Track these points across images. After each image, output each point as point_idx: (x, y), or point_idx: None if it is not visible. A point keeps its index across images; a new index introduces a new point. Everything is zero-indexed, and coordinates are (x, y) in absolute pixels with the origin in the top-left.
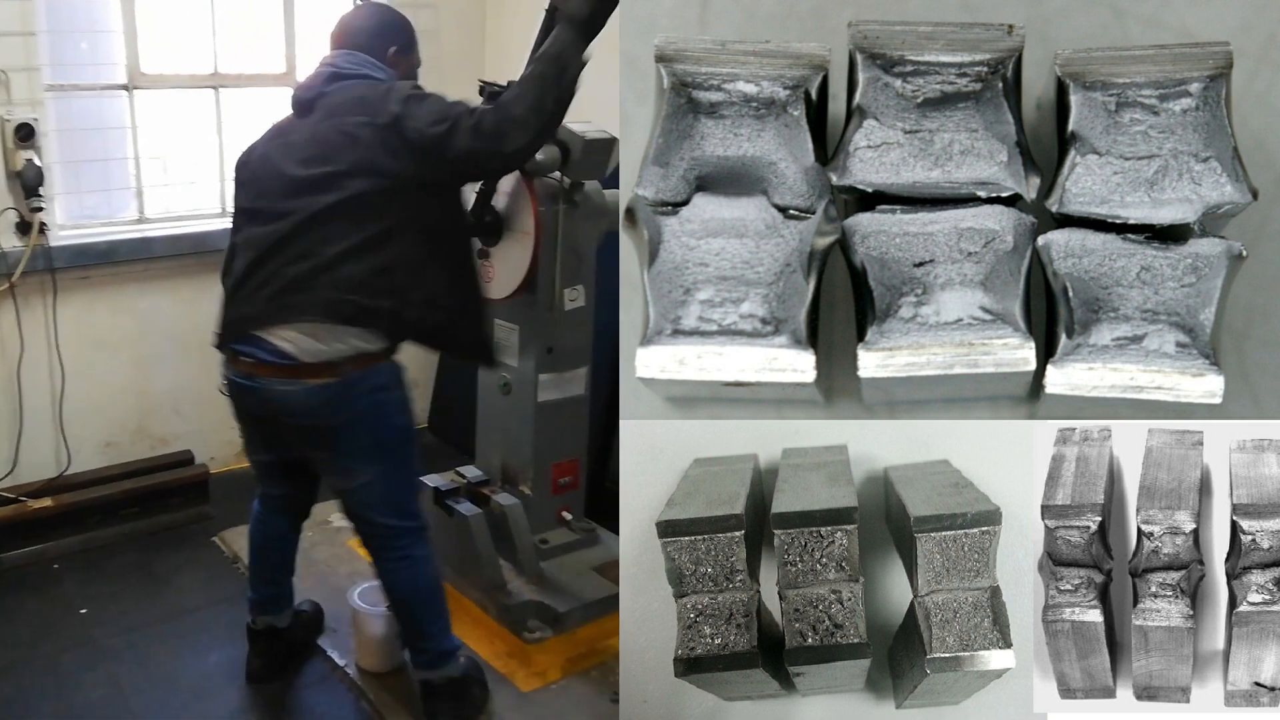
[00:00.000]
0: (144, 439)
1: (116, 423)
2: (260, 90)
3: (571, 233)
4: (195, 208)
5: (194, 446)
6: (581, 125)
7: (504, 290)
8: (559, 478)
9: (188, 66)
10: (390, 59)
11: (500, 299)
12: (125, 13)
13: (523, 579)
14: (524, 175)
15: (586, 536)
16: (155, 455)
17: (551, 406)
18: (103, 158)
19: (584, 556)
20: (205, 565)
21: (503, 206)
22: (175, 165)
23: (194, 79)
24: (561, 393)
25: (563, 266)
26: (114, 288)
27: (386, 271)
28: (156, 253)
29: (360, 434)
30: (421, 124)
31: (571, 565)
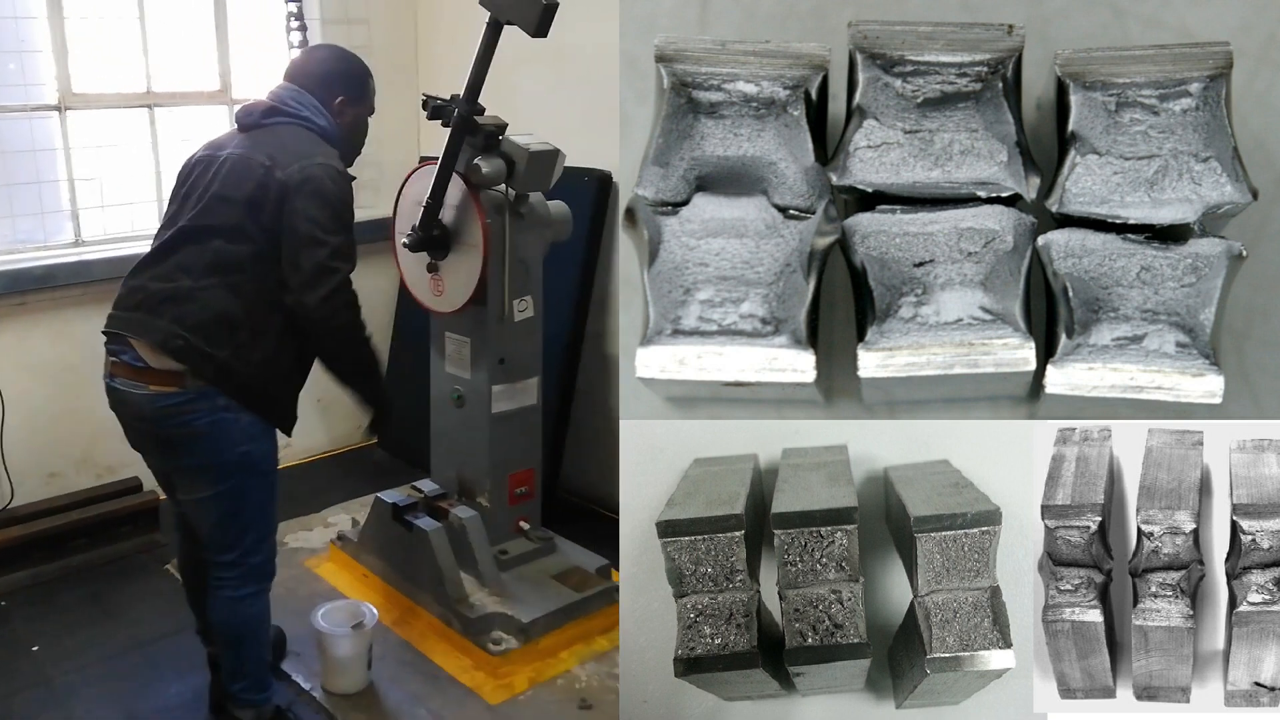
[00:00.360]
0: (89, 468)
1: (60, 452)
2: (196, 109)
3: (518, 244)
4: (133, 229)
5: (141, 473)
6: (525, 138)
7: (454, 303)
8: (515, 488)
9: (120, 85)
10: (337, 107)
11: (450, 312)
12: (54, 32)
13: (484, 591)
14: (470, 188)
15: (545, 545)
16: (102, 484)
17: (506, 417)
18: (35, 180)
19: (543, 565)
20: (159, 594)
21: (450, 220)
22: (111, 186)
23: (127, 98)
24: (515, 403)
25: (511, 278)
26: (51, 313)
27: (230, 324)
28: (95, 276)
29: (199, 450)
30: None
31: (531, 575)
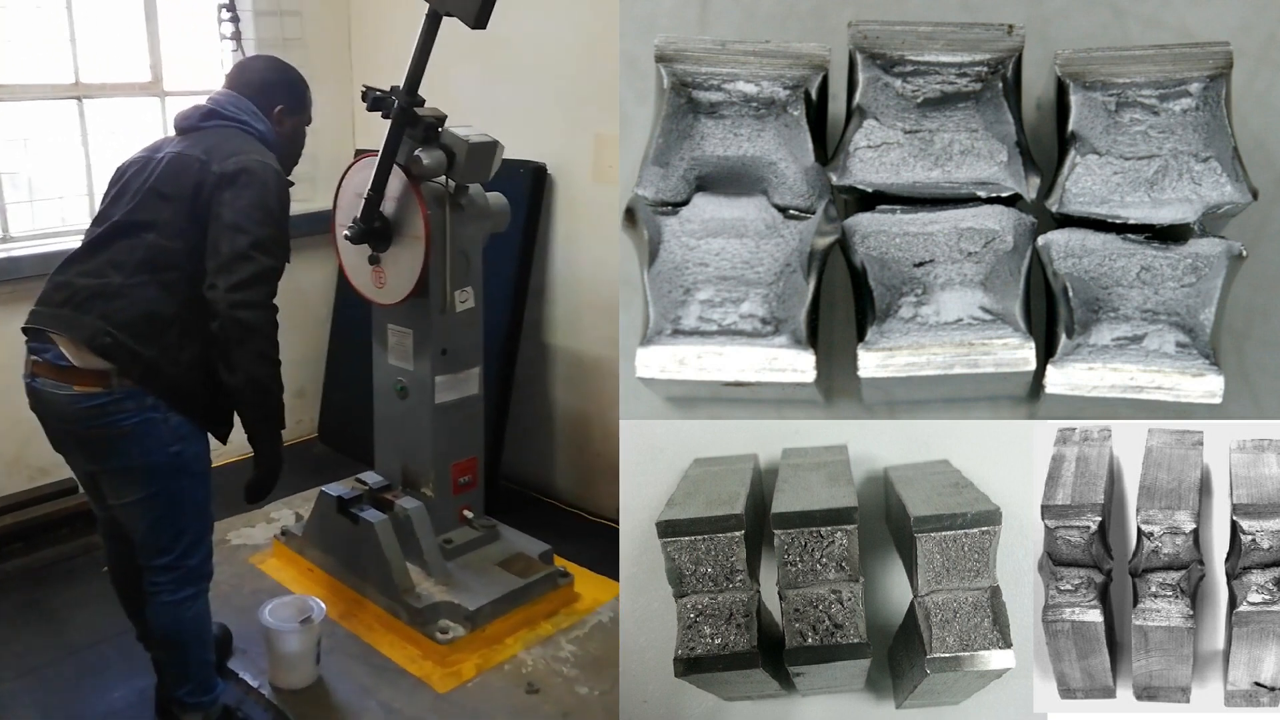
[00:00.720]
0: (21, 470)
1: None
2: (126, 100)
3: (459, 236)
4: (63, 224)
5: None
6: (465, 130)
7: (396, 295)
8: (459, 477)
9: (47, 76)
10: (275, 116)
11: (392, 304)
12: None
13: (430, 580)
14: (411, 180)
15: (488, 533)
16: (36, 486)
17: (449, 407)
18: None
19: (487, 553)
20: (100, 597)
21: (391, 212)
22: (40, 180)
23: (55, 89)
24: (457, 393)
25: (453, 269)
26: None
27: (160, 322)
28: (24, 273)
29: (127, 452)
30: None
31: (476, 563)
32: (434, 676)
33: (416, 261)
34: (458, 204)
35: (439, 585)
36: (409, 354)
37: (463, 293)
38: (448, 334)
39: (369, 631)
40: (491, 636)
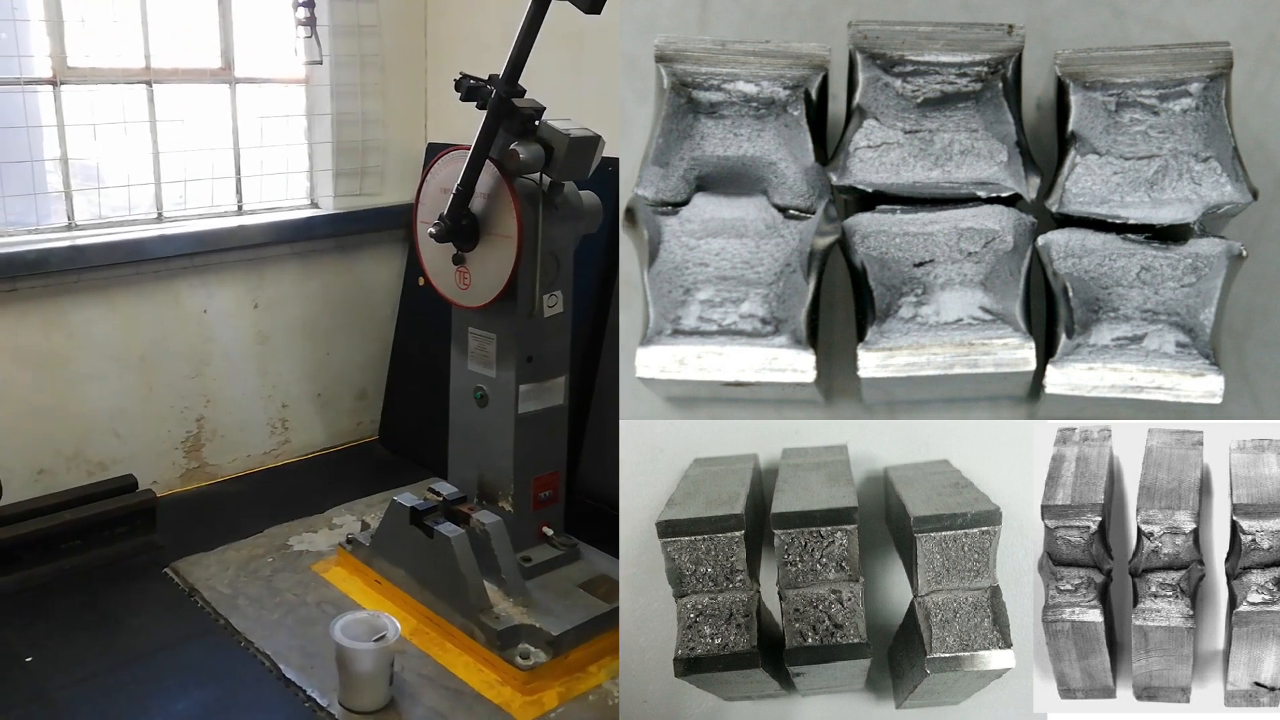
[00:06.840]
0: (80, 464)
1: (50, 448)
2: (197, 86)
3: (551, 236)
4: (130, 213)
5: (135, 470)
6: (564, 123)
7: (482, 297)
8: (539, 491)
9: (118, 60)
10: None
11: (477, 306)
12: (49, 2)
13: (509, 601)
14: (504, 175)
15: (569, 552)
16: (94, 481)
17: (532, 418)
18: (27, 159)
19: (568, 573)
20: (159, 600)
21: (479, 209)
22: (107, 167)
23: (126, 73)
24: (542, 403)
25: (543, 271)
26: (44, 300)
27: None
28: (90, 262)
29: None
30: None
31: (556, 583)
32: (514, 704)
33: (505, 262)
34: (552, 202)
35: (518, 606)
36: (491, 360)
37: (551, 297)
38: (534, 340)
39: (443, 652)
40: (574, 664)
